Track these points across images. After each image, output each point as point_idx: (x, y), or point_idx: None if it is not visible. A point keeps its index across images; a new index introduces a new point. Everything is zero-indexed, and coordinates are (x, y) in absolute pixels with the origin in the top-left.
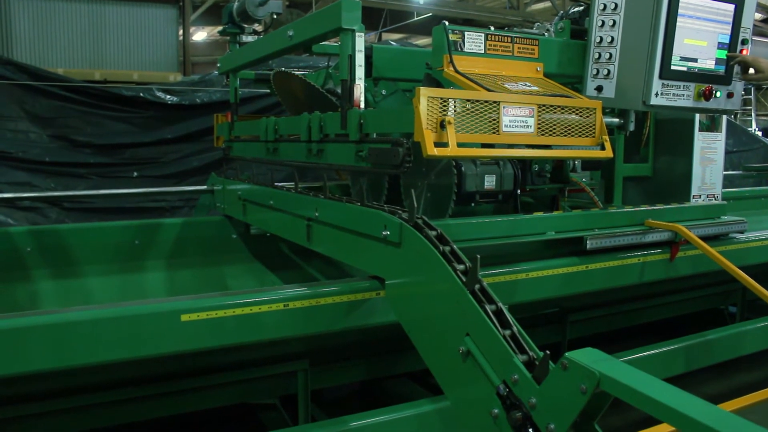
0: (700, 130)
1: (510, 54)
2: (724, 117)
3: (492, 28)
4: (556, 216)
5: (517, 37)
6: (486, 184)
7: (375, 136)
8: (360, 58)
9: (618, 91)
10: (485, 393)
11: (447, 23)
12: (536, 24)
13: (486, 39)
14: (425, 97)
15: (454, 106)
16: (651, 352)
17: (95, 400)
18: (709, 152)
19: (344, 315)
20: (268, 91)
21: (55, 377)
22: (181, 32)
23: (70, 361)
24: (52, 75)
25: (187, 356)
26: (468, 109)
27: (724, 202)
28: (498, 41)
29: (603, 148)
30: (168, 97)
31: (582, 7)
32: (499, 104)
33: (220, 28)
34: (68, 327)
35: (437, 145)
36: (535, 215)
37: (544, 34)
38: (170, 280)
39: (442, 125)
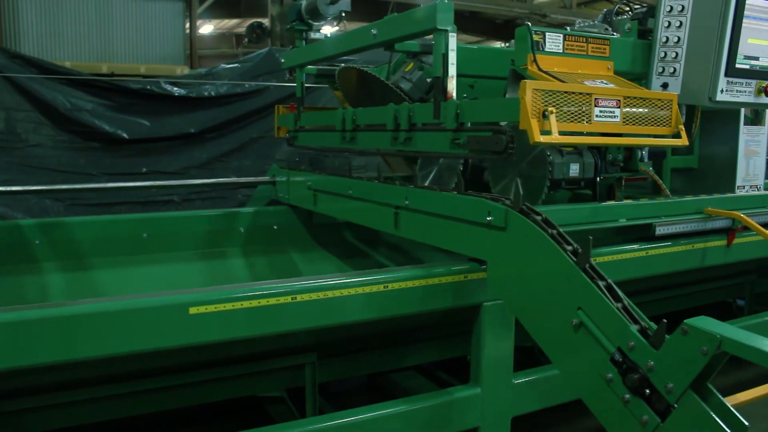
0: (745, 123)
1: (584, 53)
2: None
3: (569, 28)
4: (628, 204)
5: (590, 37)
6: (571, 171)
7: (469, 125)
8: (452, 57)
9: (684, 87)
10: (599, 360)
11: (530, 24)
12: (588, 22)
13: (564, 39)
14: (531, 89)
15: (553, 98)
16: None
17: (101, 393)
18: (752, 144)
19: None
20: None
21: (62, 370)
22: (188, 25)
23: (77, 354)
24: (59, 68)
25: (195, 349)
26: (564, 101)
27: None
28: (574, 41)
29: (679, 136)
30: (176, 89)
31: (645, 9)
32: (591, 96)
33: (226, 21)
34: (76, 320)
35: (541, 133)
36: (611, 203)
37: (612, 33)
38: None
39: (545, 114)
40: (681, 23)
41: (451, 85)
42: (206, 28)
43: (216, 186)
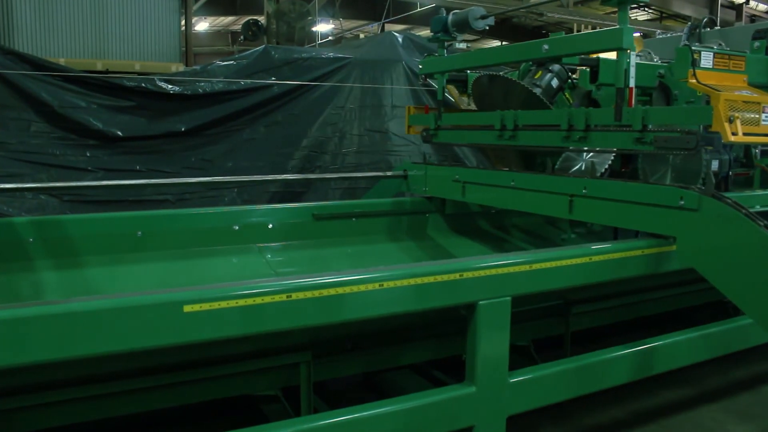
0: None
1: (727, 68)
2: None
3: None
4: (763, 194)
5: (732, 54)
6: (712, 167)
7: (650, 127)
8: (632, 71)
9: None
10: None
11: (690, 45)
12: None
13: (713, 56)
14: (723, 99)
15: (736, 106)
16: (654, 344)
17: (95, 392)
18: None
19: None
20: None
21: (55, 368)
22: (183, 22)
23: (71, 352)
24: (54, 65)
25: (189, 347)
26: (742, 108)
27: None
28: (720, 58)
29: None
30: (170, 87)
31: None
32: (760, 105)
33: (222, 18)
34: (69, 318)
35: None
36: (748, 193)
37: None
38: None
39: (731, 119)
40: None
41: (632, 95)
42: (202, 26)
43: (339, 179)
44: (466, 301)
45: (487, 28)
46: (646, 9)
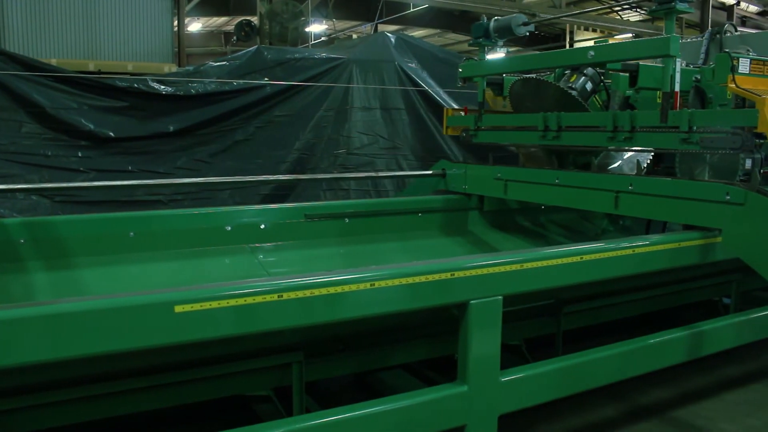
0: None
1: (762, 73)
2: None
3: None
4: None
5: (767, 61)
6: (747, 165)
7: (695, 128)
8: (678, 77)
9: None
10: None
11: (731, 53)
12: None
13: (750, 63)
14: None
15: None
16: (646, 343)
17: (85, 393)
18: None
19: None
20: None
21: (46, 369)
22: (175, 23)
23: (62, 353)
24: (45, 66)
25: (181, 348)
26: None
27: None
28: (756, 65)
29: None
30: (162, 87)
31: None
32: None
33: (215, 19)
34: (61, 319)
35: None
36: None
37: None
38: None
39: None
40: None
41: (678, 99)
42: (195, 26)
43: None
44: (457, 300)
45: (527, 34)
46: (638, 10)
